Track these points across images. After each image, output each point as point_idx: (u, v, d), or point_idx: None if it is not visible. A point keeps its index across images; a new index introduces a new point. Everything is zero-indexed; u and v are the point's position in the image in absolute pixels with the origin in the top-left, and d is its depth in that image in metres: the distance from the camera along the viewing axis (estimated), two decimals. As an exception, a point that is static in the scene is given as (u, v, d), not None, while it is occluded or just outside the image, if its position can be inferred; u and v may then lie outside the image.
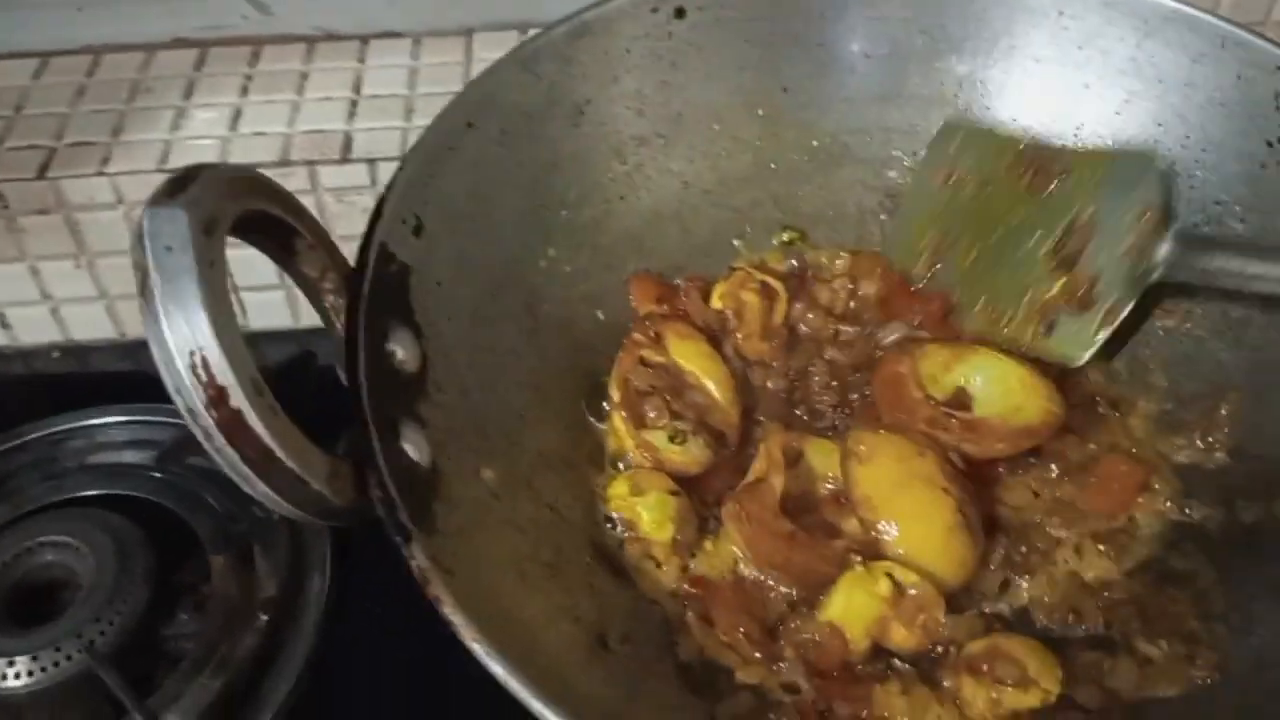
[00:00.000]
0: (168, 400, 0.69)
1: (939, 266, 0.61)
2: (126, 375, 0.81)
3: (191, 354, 0.35)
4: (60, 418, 0.69)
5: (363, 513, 0.41)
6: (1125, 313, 0.56)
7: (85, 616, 0.56)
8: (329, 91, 0.82)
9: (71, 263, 0.79)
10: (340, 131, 0.78)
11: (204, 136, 0.78)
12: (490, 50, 0.85)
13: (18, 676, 0.54)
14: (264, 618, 0.59)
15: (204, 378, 0.35)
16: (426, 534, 0.40)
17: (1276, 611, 0.48)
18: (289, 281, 0.80)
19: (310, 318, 0.81)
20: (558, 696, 0.36)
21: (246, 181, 0.41)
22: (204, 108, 0.80)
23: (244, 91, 0.82)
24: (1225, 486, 0.53)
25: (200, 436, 0.36)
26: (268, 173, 0.76)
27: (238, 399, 0.36)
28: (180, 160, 0.76)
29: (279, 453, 0.37)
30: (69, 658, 0.55)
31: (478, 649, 0.37)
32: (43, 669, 0.55)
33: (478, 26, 0.88)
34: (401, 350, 0.46)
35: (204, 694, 0.55)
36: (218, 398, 0.35)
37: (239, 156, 0.76)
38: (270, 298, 0.81)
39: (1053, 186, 0.59)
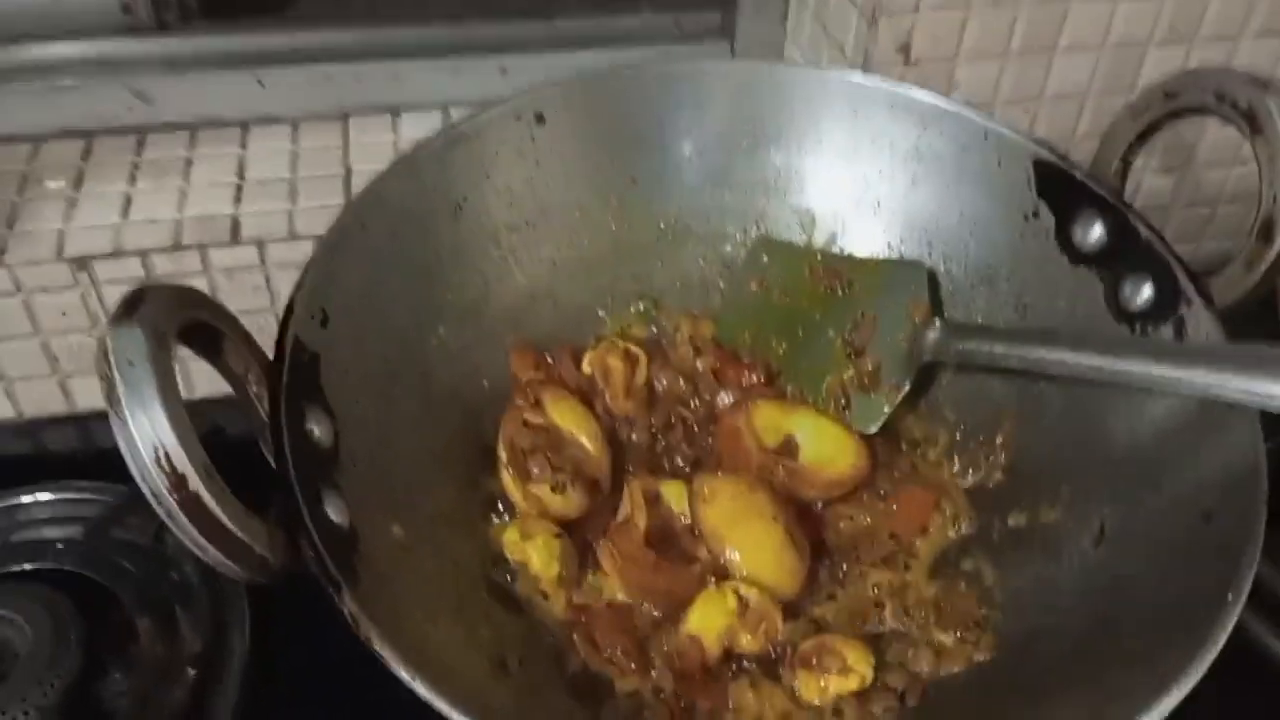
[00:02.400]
0: (73, 477, 0.75)
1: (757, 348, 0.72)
2: (27, 457, 0.85)
3: (155, 449, 0.42)
4: (-20, 500, 0.73)
5: (294, 570, 0.48)
6: (905, 390, 0.67)
7: (28, 681, 0.61)
8: (214, 176, 0.87)
9: (-31, 349, 0.82)
10: (228, 215, 0.83)
11: (97, 225, 0.82)
12: (366, 134, 0.92)
13: (-35, 741, 0.60)
14: (191, 672, 0.65)
15: (166, 468, 0.43)
16: (352, 584, 0.48)
17: (1040, 599, 0.59)
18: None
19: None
20: (473, 709, 0.45)
21: (186, 296, 0.49)
22: (94, 197, 0.84)
23: (132, 179, 0.86)
24: (1001, 500, 0.65)
25: (163, 515, 0.43)
26: (161, 257, 0.82)
27: (195, 483, 0.43)
28: (76, 248, 0.80)
29: (229, 525, 0.44)
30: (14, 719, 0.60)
31: (404, 675, 0.45)
32: (-12, 732, 0.60)
33: (352, 110, 0.94)
34: (318, 428, 0.53)
35: (140, 745, 0.62)
36: (178, 484, 0.43)
37: (133, 243, 0.80)
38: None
39: (843, 289, 0.71)
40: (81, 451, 0.84)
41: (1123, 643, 0.53)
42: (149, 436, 0.42)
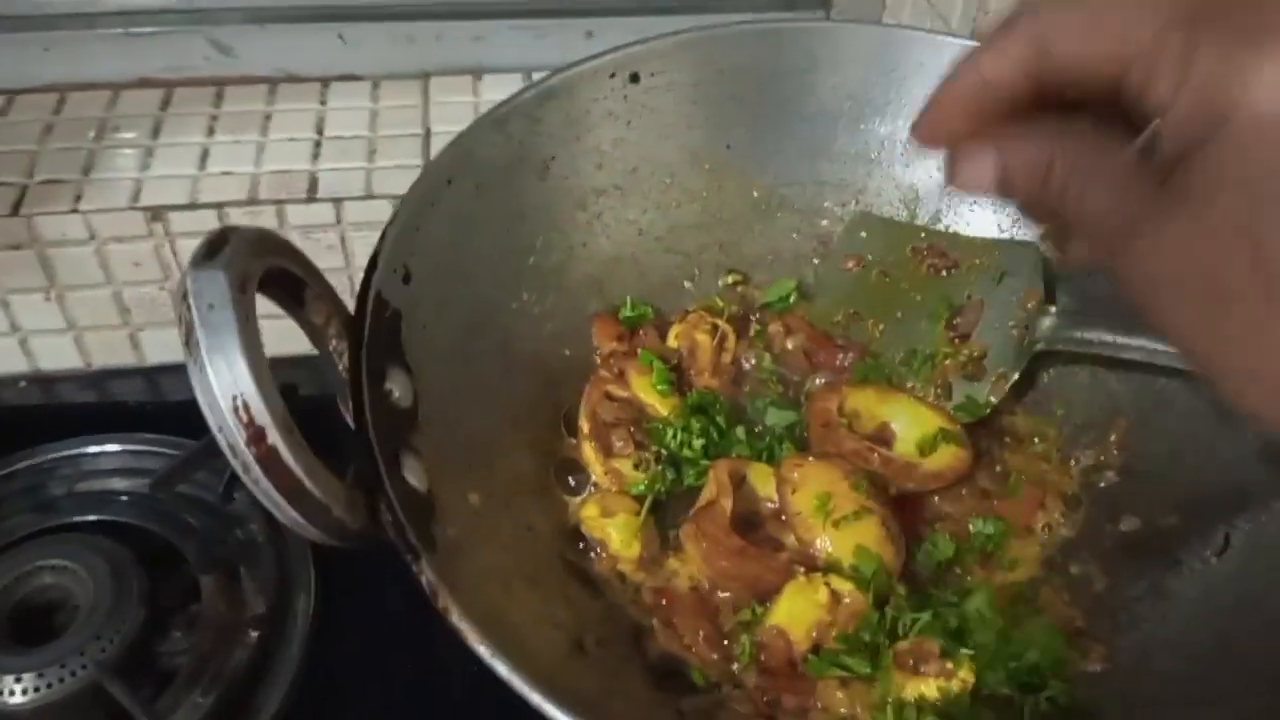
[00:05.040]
0: (143, 429, 0.74)
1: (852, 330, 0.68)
2: (94, 406, 0.84)
3: (234, 398, 0.40)
4: (47, 447, 0.72)
5: (372, 535, 0.46)
6: (1013, 380, 0.63)
7: (87, 635, 0.59)
8: (293, 132, 0.86)
9: (41, 295, 0.82)
10: (305, 172, 0.82)
11: (173, 175, 0.81)
12: (446, 94, 0.90)
13: (24, 693, 0.58)
14: (253, 634, 0.63)
15: (244, 419, 0.40)
16: (430, 552, 0.45)
17: (1157, 610, 0.55)
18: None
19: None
20: (551, 691, 0.42)
21: (268, 242, 0.46)
22: (171, 147, 0.84)
23: (210, 131, 0.86)
24: (1114, 502, 0.61)
25: (239, 469, 0.41)
26: (238, 211, 0.81)
27: (274, 437, 0.41)
28: (152, 198, 0.79)
29: (307, 484, 0.42)
30: (73, 673, 0.58)
31: (483, 651, 0.42)
32: (48, 685, 0.58)
33: (433, 70, 0.92)
34: (397, 388, 0.51)
35: (198, 706, 0.59)
36: (257, 436, 0.40)
37: (209, 195, 0.79)
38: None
39: (948, 270, 0.67)
40: (150, 404, 0.83)
41: (1251, 662, 0.49)
42: (228, 385, 0.40)
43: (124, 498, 0.69)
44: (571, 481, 0.61)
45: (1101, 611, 0.56)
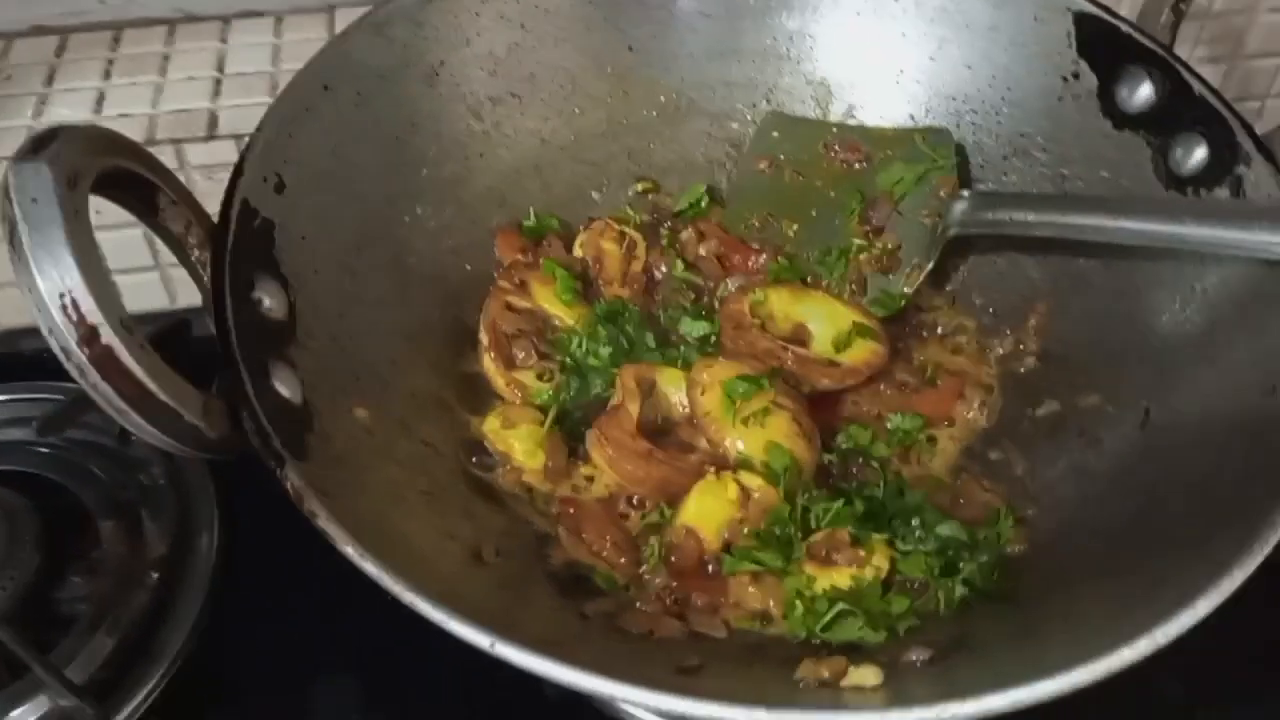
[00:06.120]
0: (43, 378, 0.70)
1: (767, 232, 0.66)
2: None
3: (61, 296, 0.37)
4: (-64, 400, 0.69)
5: (237, 445, 0.43)
6: (928, 270, 0.61)
7: (-24, 583, 0.57)
8: (192, 71, 0.83)
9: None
10: (205, 110, 0.79)
11: (67, 121, 0.78)
12: (353, 26, 0.87)
13: (-87, 646, 0.55)
14: (155, 576, 0.60)
15: (75, 317, 0.37)
16: (300, 460, 0.43)
17: (1078, 490, 0.54)
18: (163, 263, 0.81)
19: (186, 299, 0.82)
20: (429, 591, 0.40)
21: (106, 140, 0.43)
22: (67, 93, 0.81)
23: (106, 75, 0.82)
24: (1033, 387, 0.59)
25: (75, 374, 0.39)
26: (135, 152, 0.77)
27: (108, 336, 0.38)
28: (44, 144, 0.76)
29: (151, 386, 0.39)
30: (-37, 624, 0.56)
31: (350, 552, 0.40)
32: (-63, 636, 0.56)
33: (339, 3, 0.89)
34: (268, 299, 0.48)
35: (99, 650, 0.57)
36: (89, 336, 0.38)
37: (105, 138, 0.76)
38: (145, 279, 0.82)
39: (861, 164, 0.65)
40: (48, 352, 0.79)
41: (1170, 529, 0.47)
42: (55, 283, 0.37)
43: (18, 447, 0.66)
44: (475, 399, 0.59)
45: (1021, 495, 0.55)
